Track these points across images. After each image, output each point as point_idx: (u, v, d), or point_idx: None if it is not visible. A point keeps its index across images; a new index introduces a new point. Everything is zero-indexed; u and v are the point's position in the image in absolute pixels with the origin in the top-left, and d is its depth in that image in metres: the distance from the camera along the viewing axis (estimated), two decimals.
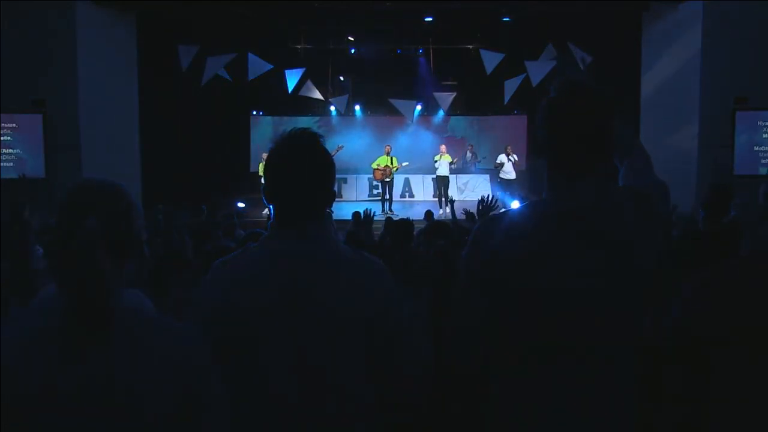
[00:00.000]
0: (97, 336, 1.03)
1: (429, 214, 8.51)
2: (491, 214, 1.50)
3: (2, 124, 9.03)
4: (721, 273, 1.73)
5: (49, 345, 1.02)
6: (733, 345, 1.66)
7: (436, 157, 12.37)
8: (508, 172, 12.32)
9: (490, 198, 3.54)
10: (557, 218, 1.38)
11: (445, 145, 12.93)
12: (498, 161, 12.52)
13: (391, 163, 12.31)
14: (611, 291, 1.35)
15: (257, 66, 11.37)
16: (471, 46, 13.57)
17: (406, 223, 3.77)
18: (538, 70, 11.20)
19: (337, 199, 1.48)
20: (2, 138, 9.09)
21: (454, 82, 14.90)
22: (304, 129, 1.45)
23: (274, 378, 1.32)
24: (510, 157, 12.29)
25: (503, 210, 1.49)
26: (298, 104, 14.41)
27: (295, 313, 1.32)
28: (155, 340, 1.08)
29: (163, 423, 1.04)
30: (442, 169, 12.25)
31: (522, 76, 11.65)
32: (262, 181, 1.49)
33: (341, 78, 15.45)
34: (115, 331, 1.04)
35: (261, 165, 11.76)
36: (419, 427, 2.36)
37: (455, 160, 12.56)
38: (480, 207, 3.46)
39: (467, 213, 3.85)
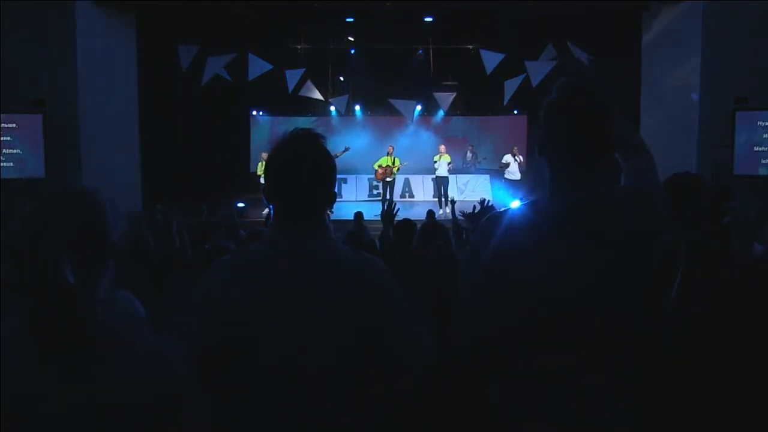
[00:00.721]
0: (60, 349, 0.99)
1: (430, 213, 8.50)
2: (492, 213, 1.50)
3: (2, 124, 9.03)
4: (722, 273, 1.74)
5: (22, 353, 1.01)
6: (733, 345, 1.66)
7: (436, 158, 12.34)
8: (514, 173, 12.30)
9: (486, 202, 3.56)
10: (557, 217, 1.38)
11: (444, 145, 12.92)
12: (504, 161, 12.49)
13: (393, 164, 12.30)
14: (611, 290, 1.35)
15: (257, 66, 11.37)
16: (471, 46, 13.58)
17: (409, 223, 3.77)
18: (538, 70, 11.20)
19: (337, 199, 1.48)
20: (2, 138, 9.09)
21: (454, 82, 14.90)
22: (306, 129, 1.44)
23: (274, 378, 1.32)
24: (516, 157, 12.27)
25: (504, 209, 1.49)
26: (298, 104, 14.41)
27: (295, 312, 1.32)
28: (131, 354, 1.06)
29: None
30: (441, 169, 12.23)
31: (522, 76, 11.65)
32: (262, 180, 1.49)
33: (341, 78, 15.45)
34: (87, 344, 1.01)
35: (260, 165, 11.73)
36: (420, 426, 2.36)
37: (449, 166, 12.50)
38: (474, 210, 3.47)
39: (464, 214, 3.87)
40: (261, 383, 1.33)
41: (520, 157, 12.34)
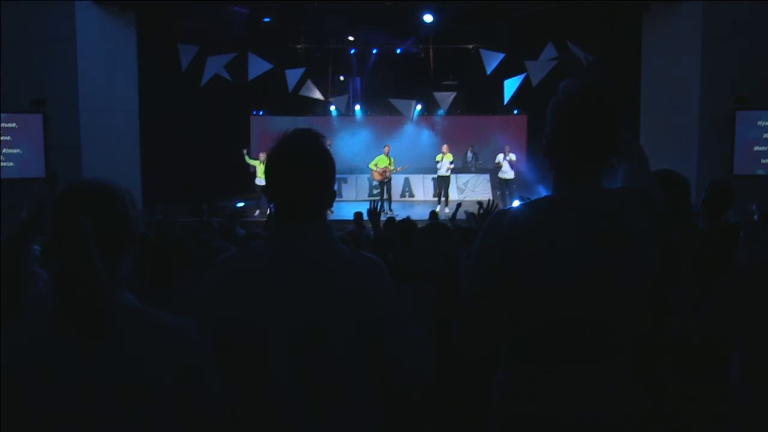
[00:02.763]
0: (90, 332, 1.03)
1: (434, 214, 8.51)
2: (496, 211, 1.51)
3: (2, 124, 9.04)
4: (745, 274, 1.74)
5: (50, 337, 1.04)
6: (750, 345, 1.66)
7: (438, 157, 12.27)
8: (506, 172, 12.29)
9: (490, 202, 3.59)
10: (562, 212, 1.39)
11: (446, 145, 12.89)
12: (496, 161, 12.49)
13: (390, 164, 12.28)
14: (613, 287, 1.36)
15: (257, 66, 11.38)
16: (471, 46, 13.58)
17: (409, 222, 3.79)
18: (538, 70, 11.21)
19: (337, 199, 1.49)
20: (2, 138, 9.10)
21: (454, 82, 14.90)
22: (306, 129, 1.45)
23: (276, 376, 1.32)
24: (507, 156, 12.26)
25: (507, 207, 1.49)
26: (298, 104, 14.41)
27: (295, 311, 1.33)
28: (155, 335, 1.09)
29: (161, 416, 1.05)
30: (444, 169, 12.19)
31: (522, 76, 11.66)
32: (257, 181, 1.49)
33: (341, 78, 15.45)
34: (114, 327, 1.06)
35: (251, 160, 11.54)
36: (423, 421, 2.37)
37: (451, 165, 12.45)
38: (480, 210, 3.50)
39: (467, 214, 3.89)
40: (263, 381, 1.33)
41: (512, 155, 12.27)
